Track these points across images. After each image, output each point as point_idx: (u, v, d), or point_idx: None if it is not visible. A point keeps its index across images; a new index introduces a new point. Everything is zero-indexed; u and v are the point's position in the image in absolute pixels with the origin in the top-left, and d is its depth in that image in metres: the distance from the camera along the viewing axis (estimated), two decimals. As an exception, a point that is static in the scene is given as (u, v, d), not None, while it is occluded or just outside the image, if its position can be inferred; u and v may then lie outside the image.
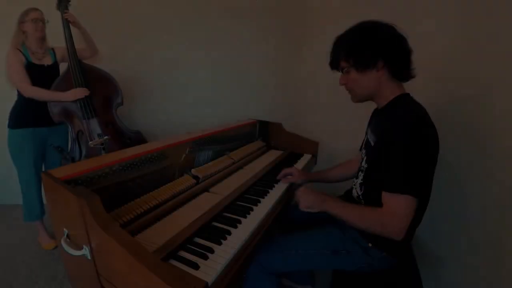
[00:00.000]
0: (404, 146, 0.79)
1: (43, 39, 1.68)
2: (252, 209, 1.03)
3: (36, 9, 1.59)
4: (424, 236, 1.32)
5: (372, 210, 0.87)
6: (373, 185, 0.94)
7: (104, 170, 0.88)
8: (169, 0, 2.14)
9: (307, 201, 0.98)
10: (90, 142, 1.62)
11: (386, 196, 0.83)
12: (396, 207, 0.80)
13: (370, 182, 0.95)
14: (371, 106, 1.05)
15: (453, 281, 1.19)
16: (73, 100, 1.59)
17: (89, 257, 0.71)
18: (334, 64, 0.96)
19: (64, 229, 0.80)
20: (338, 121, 2.02)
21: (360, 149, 1.14)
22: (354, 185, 1.08)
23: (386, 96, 0.93)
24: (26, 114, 1.64)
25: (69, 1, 1.74)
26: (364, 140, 1.10)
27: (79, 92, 1.60)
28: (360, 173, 1.03)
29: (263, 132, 1.95)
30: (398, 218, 0.80)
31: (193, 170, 1.21)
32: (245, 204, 1.07)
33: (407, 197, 0.78)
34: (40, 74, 1.64)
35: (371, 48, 0.85)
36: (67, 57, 1.70)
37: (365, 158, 1.00)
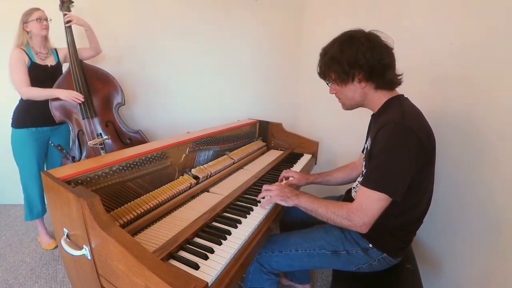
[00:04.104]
0: (384, 146, 0.80)
1: (46, 38, 1.69)
2: (252, 209, 1.03)
3: (38, 9, 1.60)
4: (424, 237, 1.33)
5: (342, 204, 0.88)
6: None
7: (104, 170, 0.88)
8: (172, 2, 2.14)
9: (283, 192, 0.99)
10: (89, 142, 1.63)
11: (359, 190, 0.85)
12: (364, 201, 0.82)
13: None
14: (371, 106, 1.04)
15: (453, 281, 1.19)
16: (66, 99, 1.59)
17: (89, 257, 0.71)
18: (321, 76, 0.98)
19: (64, 229, 0.80)
20: (338, 121, 2.02)
21: (363, 151, 1.14)
22: (354, 187, 1.08)
23: (376, 103, 0.94)
24: (30, 114, 1.65)
25: (72, 2, 1.75)
26: (365, 144, 1.10)
27: (75, 95, 1.60)
28: (361, 177, 1.04)
29: (263, 132, 1.95)
30: (363, 212, 0.82)
31: (193, 170, 1.21)
32: (245, 204, 1.07)
33: (376, 193, 0.80)
34: (44, 75, 1.65)
35: (348, 64, 0.86)
36: (68, 57, 1.71)
37: (364, 164, 1.00)
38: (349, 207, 0.85)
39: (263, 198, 1.06)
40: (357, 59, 0.84)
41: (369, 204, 0.81)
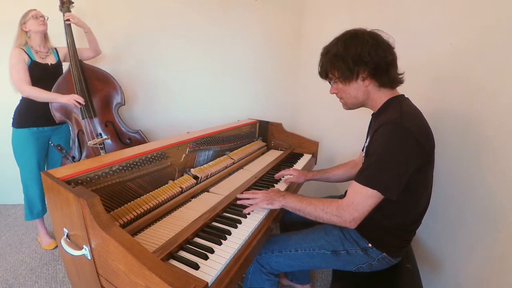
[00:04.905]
0: (381, 145, 0.81)
1: (45, 36, 1.69)
2: (252, 209, 1.02)
3: (34, 9, 1.62)
4: (424, 236, 1.33)
5: (331, 201, 0.88)
6: None
7: (104, 170, 0.88)
8: (172, 2, 2.14)
9: (268, 195, 0.99)
10: (89, 142, 1.63)
11: (351, 186, 0.85)
12: (355, 197, 0.82)
13: None
14: (371, 106, 1.04)
15: (452, 281, 1.19)
16: (68, 102, 1.60)
17: (89, 257, 0.71)
18: (323, 75, 0.97)
19: (64, 229, 0.80)
20: (339, 120, 2.02)
21: (363, 149, 1.14)
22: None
23: (377, 103, 0.94)
24: (30, 114, 1.65)
25: (72, 2, 1.76)
26: (365, 143, 1.10)
27: (76, 98, 1.61)
28: None
29: (263, 132, 1.95)
30: (353, 207, 0.82)
31: (193, 170, 1.21)
32: (245, 204, 1.07)
33: (367, 189, 0.80)
34: (45, 73, 1.65)
35: (353, 61, 0.86)
36: (68, 57, 1.71)
37: (363, 162, 1.00)
38: (339, 204, 0.85)
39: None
40: (362, 56, 0.84)
41: (360, 200, 0.81)
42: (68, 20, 1.67)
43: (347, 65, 0.87)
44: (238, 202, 1.05)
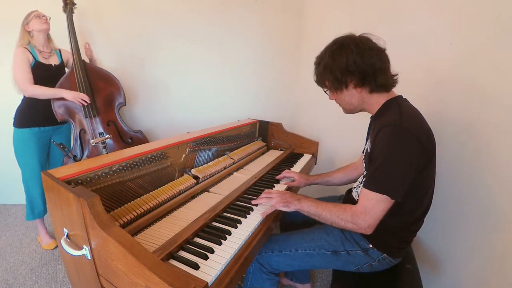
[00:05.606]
0: (383, 148, 0.81)
1: (48, 37, 1.70)
2: (252, 209, 1.03)
3: (36, 10, 1.62)
4: (424, 237, 1.33)
5: (345, 207, 0.88)
6: None
7: (104, 170, 0.88)
8: (172, 2, 2.14)
9: (284, 198, 0.99)
10: (92, 141, 1.64)
11: (361, 193, 0.86)
12: (367, 203, 0.83)
13: None
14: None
15: (452, 282, 1.19)
16: (73, 100, 1.60)
17: (89, 257, 0.71)
18: (319, 84, 1.00)
19: (64, 229, 0.80)
20: (338, 121, 2.02)
21: (363, 152, 1.14)
22: (355, 187, 1.08)
23: (374, 106, 0.94)
24: (32, 113, 1.65)
25: (75, 4, 1.78)
26: (365, 146, 1.10)
27: (81, 96, 1.62)
28: (362, 177, 1.04)
29: (263, 132, 1.95)
30: (367, 214, 0.82)
31: (193, 170, 1.21)
32: (245, 204, 1.07)
33: (378, 195, 0.80)
34: (48, 73, 1.66)
35: (340, 71, 0.88)
36: (71, 59, 1.73)
37: (364, 165, 1.00)
38: (353, 210, 0.85)
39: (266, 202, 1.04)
40: (347, 66, 0.86)
41: (373, 206, 0.82)
42: (87, 54, 1.75)
43: (335, 76, 0.89)
44: (253, 202, 1.04)
